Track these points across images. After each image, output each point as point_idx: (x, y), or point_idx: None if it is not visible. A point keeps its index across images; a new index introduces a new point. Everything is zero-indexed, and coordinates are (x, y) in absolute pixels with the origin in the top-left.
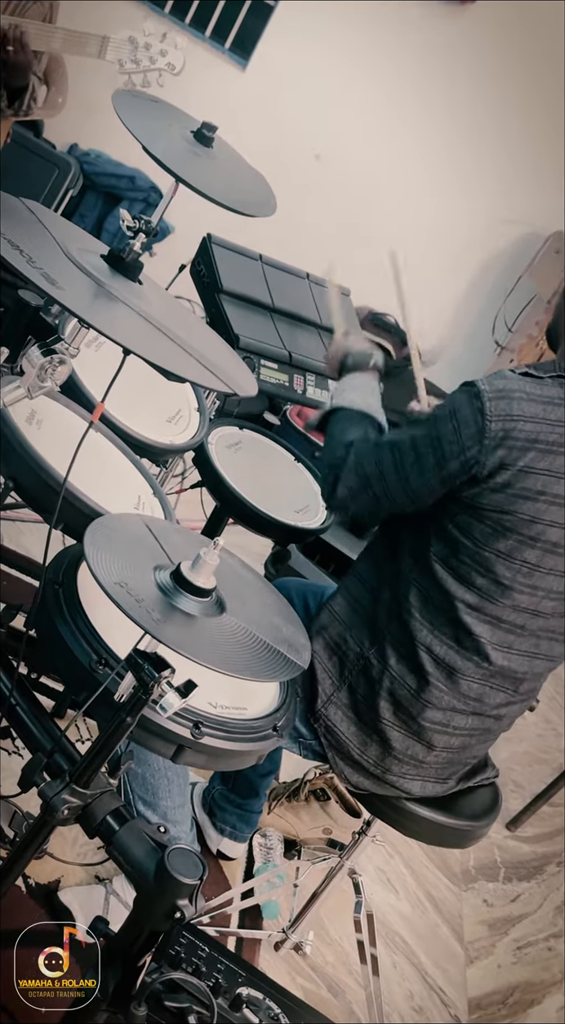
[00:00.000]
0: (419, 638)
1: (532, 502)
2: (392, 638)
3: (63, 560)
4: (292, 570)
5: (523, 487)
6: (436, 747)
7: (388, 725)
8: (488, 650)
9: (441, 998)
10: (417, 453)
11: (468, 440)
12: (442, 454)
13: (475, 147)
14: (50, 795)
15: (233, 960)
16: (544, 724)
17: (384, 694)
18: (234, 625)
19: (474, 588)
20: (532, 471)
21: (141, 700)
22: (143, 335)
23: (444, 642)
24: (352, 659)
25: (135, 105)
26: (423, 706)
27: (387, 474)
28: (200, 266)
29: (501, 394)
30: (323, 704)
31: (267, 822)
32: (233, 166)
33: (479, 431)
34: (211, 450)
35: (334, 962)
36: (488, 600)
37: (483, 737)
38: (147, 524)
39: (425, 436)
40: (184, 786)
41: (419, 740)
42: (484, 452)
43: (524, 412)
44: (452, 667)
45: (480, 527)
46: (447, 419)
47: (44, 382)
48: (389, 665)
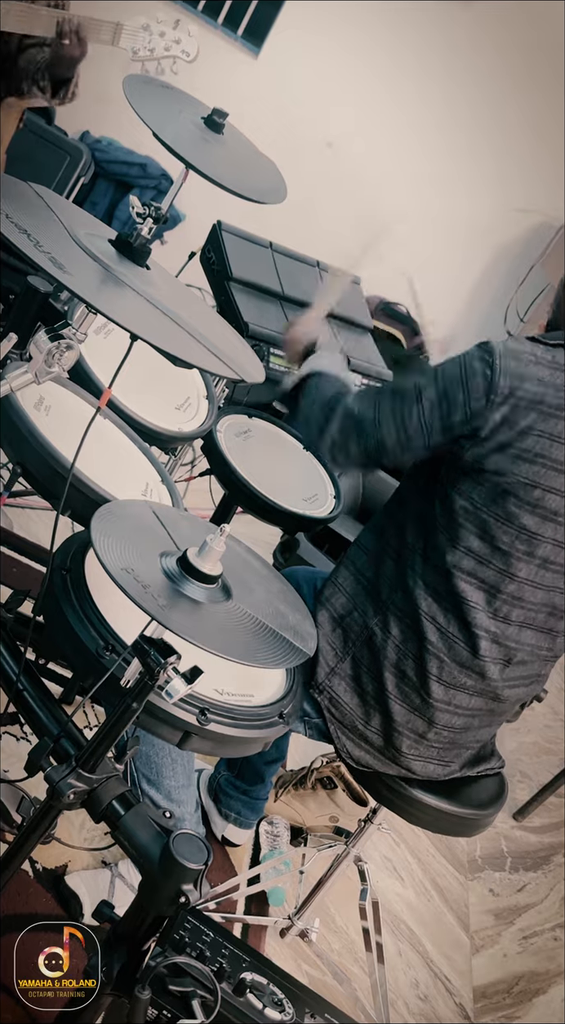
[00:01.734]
0: (424, 607)
1: (530, 464)
2: (395, 608)
3: (71, 546)
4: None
5: (523, 448)
6: (437, 724)
7: (390, 697)
8: (484, 619)
9: (446, 986)
10: (420, 399)
11: (475, 391)
12: (447, 403)
13: (489, 135)
14: (56, 779)
15: (237, 945)
16: (552, 715)
17: (388, 665)
18: (240, 612)
19: (471, 552)
20: (532, 432)
21: (147, 686)
22: (151, 321)
23: (447, 611)
24: (356, 630)
25: (146, 91)
26: (426, 677)
27: (384, 418)
28: (210, 253)
29: (512, 354)
30: (326, 675)
31: (274, 809)
32: (244, 153)
33: (488, 384)
34: (220, 438)
35: (339, 949)
36: (484, 564)
37: (485, 720)
38: (154, 511)
39: (430, 383)
40: (189, 768)
41: (421, 716)
42: (490, 406)
43: (532, 374)
44: (454, 637)
45: (479, 489)
46: (455, 369)
47: (52, 367)
48: (392, 635)
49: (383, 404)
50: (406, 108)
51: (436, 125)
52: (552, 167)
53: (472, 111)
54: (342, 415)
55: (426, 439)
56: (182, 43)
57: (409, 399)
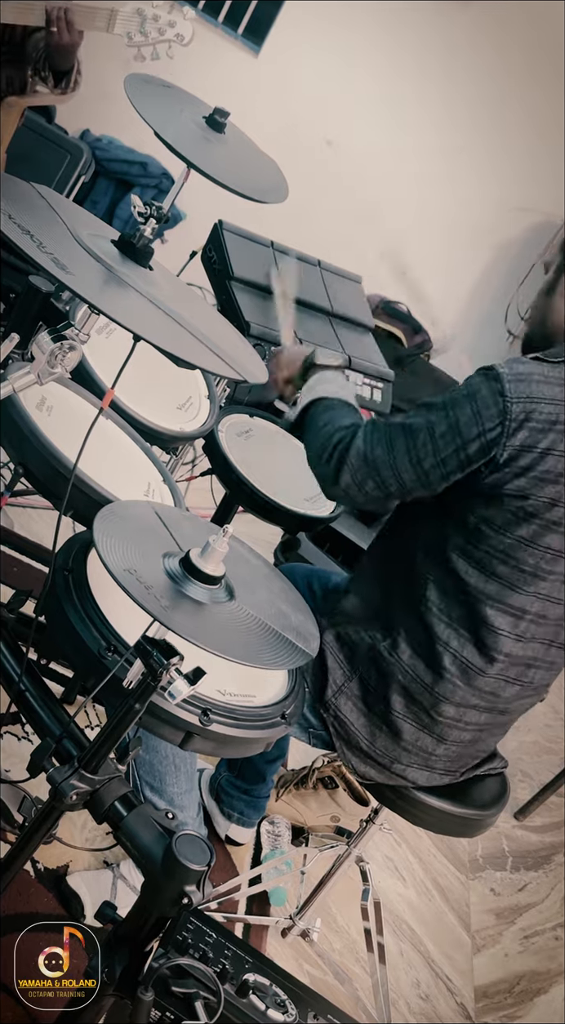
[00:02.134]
0: (438, 633)
1: (553, 485)
2: (406, 633)
3: (73, 546)
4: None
5: (545, 470)
6: (447, 740)
7: (399, 717)
8: (508, 642)
9: (447, 986)
10: (433, 435)
11: (489, 422)
12: (461, 437)
13: (489, 134)
14: (59, 780)
15: (240, 946)
16: (553, 714)
17: (396, 687)
18: (243, 612)
19: (496, 577)
20: (553, 453)
21: (150, 687)
22: (153, 321)
23: (463, 636)
24: (363, 651)
25: (147, 90)
26: (436, 700)
27: (398, 457)
28: (211, 252)
29: (520, 376)
30: (333, 694)
31: (275, 809)
32: (245, 152)
33: (501, 412)
34: (221, 438)
35: (341, 949)
36: (510, 589)
37: (493, 731)
38: (157, 511)
39: (442, 419)
40: (191, 772)
41: (430, 733)
42: (506, 434)
43: (544, 394)
44: (470, 663)
45: (502, 514)
46: (466, 401)
47: (54, 368)
48: (402, 660)
49: (396, 444)
50: (406, 107)
51: (436, 124)
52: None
53: (472, 110)
54: (355, 457)
55: (445, 475)
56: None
57: (422, 437)
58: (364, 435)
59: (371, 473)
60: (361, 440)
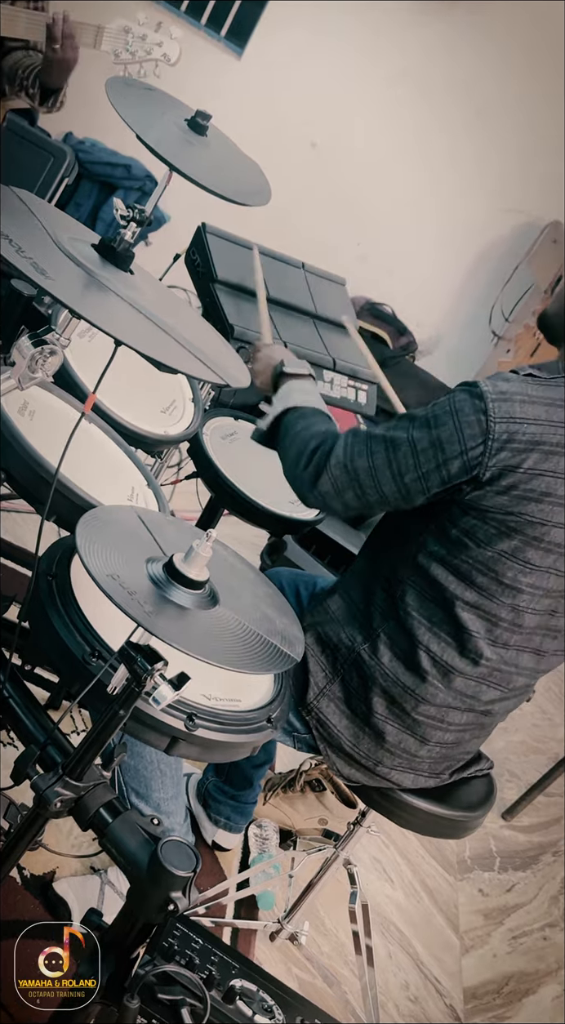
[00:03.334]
0: (418, 636)
1: (536, 503)
2: (386, 636)
3: (57, 552)
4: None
5: (528, 489)
6: (430, 741)
7: (381, 719)
8: (484, 648)
9: (436, 988)
10: (415, 450)
11: (471, 441)
12: (443, 454)
13: (473, 136)
14: (43, 787)
15: (227, 952)
16: (540, 714)
17: (377, 689)
18: (227, 617)
19: (474, 586)
20: (536, 472)
21: (134, 692)
22: (134, 326)
23: (443, 640)
24: (344, 653)
25: (129, 93)
26: (417, 702)
27: (379, 469)
28: (195, 255)
29: (504, 396)
30: (315, 697)
31: (263, 812)
32: (227, 155)
33: (483, 432)
34: (206, 441)
35: (329, 952)
36: (488, 598)
37: (476, 732)
38: (140, 516)
39: (424, 434)
40: (177, 778)
41: (413, 734)
42: (488, 454)
43: (527, 415)
44: (449, 665)
45: (484, 528)
46: (448, 419)
47: (35, 373)
48: (382, 662)
49: (377, 456)
50: (390, 108)
51: (420, 125)
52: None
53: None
54: (335, 466)
55: (425, 490)
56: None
57: (404, 450)
58: (344, 444)
59: (351, 483)
60: (341, 449)
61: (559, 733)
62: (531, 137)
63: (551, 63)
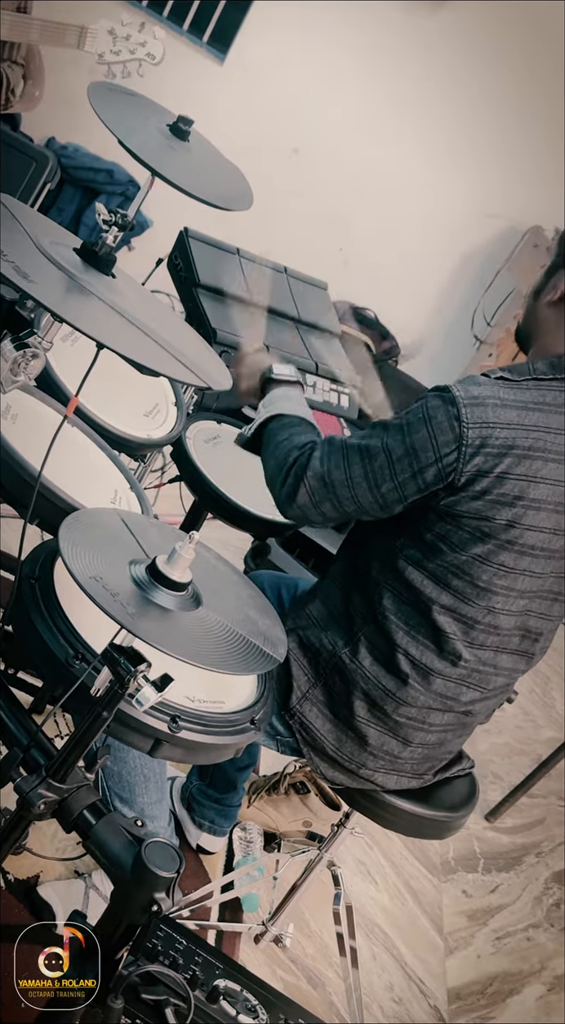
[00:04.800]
0: (396, 639)
1: (509, 508)
2: (366, 640)
3: (39, 555)
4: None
5: (501, 493)
6: (412, 743)
7: (363, 722)
8: (462, 649)
9: (420, 989)
10: (390, 459)
11: (444, 447)
12: (417, 462)
13: (453, 141)
14: (26, 790)
15: (211, 952)
16: (523, 716)
17: (358, 693)
18: (210, 619)
19: (449, 589)
20: (509, 477)
21: (117, 694)
22: (116, 329)
23: (421, 643)
24: (325, 658)
25: (111, 98)
26: (398, 704)
27: (355, 479)
28: (177, 260)
29: (476, 400)
30: (298, 700)
31: (247, 815)
32: (209, 160)
33: (456, 438)
34: (189, 444)
35: (314, 954)
36: (463, 601)
37: (458, 732)
38: (123, 518)
39: (399, 442)
40: (161, 782)
41: (395, 736)
42: (462, 460)
43: (499, 419)
44: (428, 668)
45: (458, 533)
46: (421, 425)
47: (17, 376)
48: (363, 666)
49: (353, 466)
50: (372, 112)
51: (401, 129)
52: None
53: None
54: (312, 478)
55: (402, 498)
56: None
57: (380, 460)
58: (321, 456)
59: (328, 495)
60: (318, 461)
61: (542, 735)
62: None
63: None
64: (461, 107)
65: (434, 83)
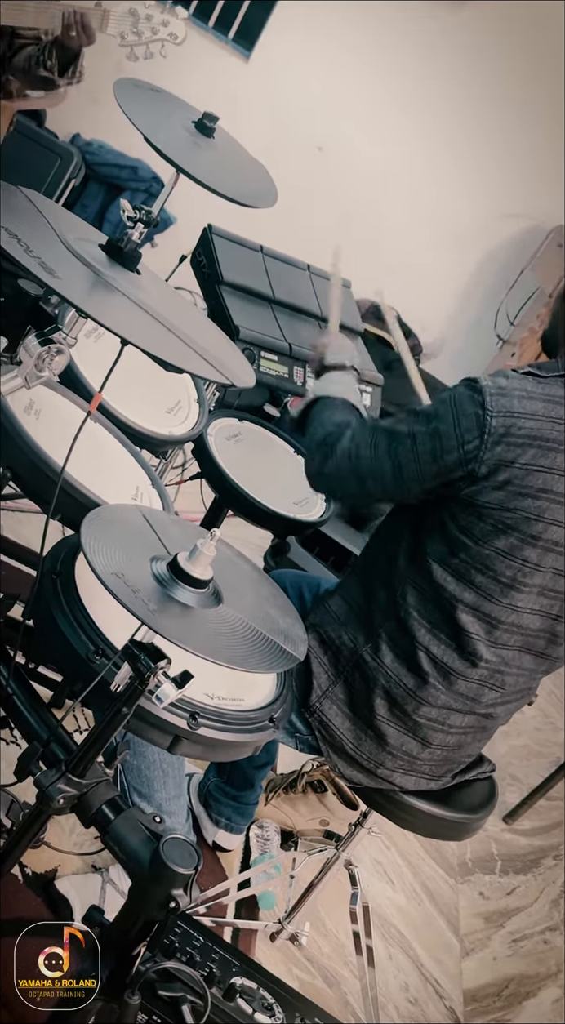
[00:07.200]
0: (418, 638)
1: (533, 499)
2: (388, 637)
3: (61, 550)
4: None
5: (525, 484)
6: (431, 744)
7: (383, 721)
8: (483, 650)
9: (436, 990)
10: (415, 441)
11: (467, 434)
12: (440, 445)
13: (477, 140)
14: (46, 784)
15: (227, 950)
16: (542, 718)
17: (379, 691)
18: (231, 616)
19: (473, 586)
20: (533, 468)
21: (137, 690)
22: (141, 325)
23: (442, 641)
24: (346, 655)
25: (137, 95)
26: (419, 703)
27: (380, 458)
28: (201, 257)
29: (502, 391)
30: (318, 698)
31: (264, 813)
32: (234, 157)
33: (480, 425)
34: (210, 441)
35: (330, 953)
36: (487, 599)
37: (478, 735)
38: (144, 515)
39: (424, 426)
40: (179, 778)
41: (414, 736)
42: (484, 448)
43: (525, 409)
44: (450, 667)
45: (481, 525)
46: (447, 412)
47: (42, 372)
48: (384, 663)
49: (380, 447)
50: (397, 112)
51: (426, 128)
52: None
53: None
54: (341, 454)
55: (422, 481)
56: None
57: (404, 443)
58: (352, 434)
59: (353, 471)
60: (349, 439)
61: (561, 737)
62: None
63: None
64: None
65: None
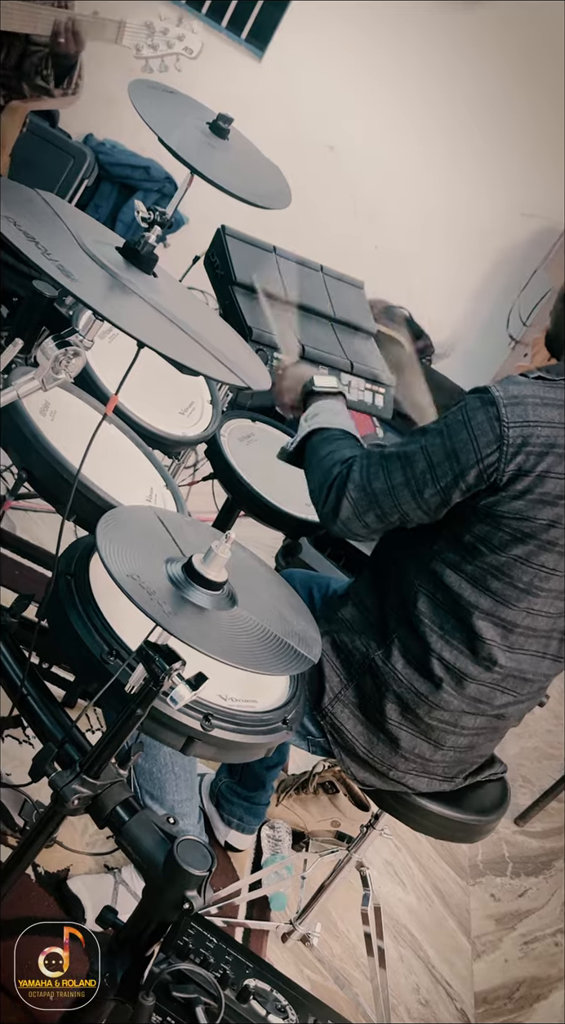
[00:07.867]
0: (430, 643)
1: (551, 507)
2: (400, 643)
3: (75, 551)
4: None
5: (543, 492)
6: (444, 746)
7: (395, 725)
8: (498, 654)
9: (447, 992)
10: (431, 464)
11: (486, 448)
12: (459, 464)
13: (491, 140)
14: (60, 785)
15: (241, 951)
16: (554, 720)
17: (391, 696)
18: (245, 618)
19: (489, 592)
20: (550, 476)
21: (152, 692)
22: (157, 328)
23: (455, 647)
24: (358, 659)
25: (151, 95)
26: (431, 708)
27: (397, 488)
28: (214, 257)
29: (516, 400)
30: (330, 702)
31: (275, 814)
32: (248, 158)
33: (498, 438)
34: (223, 442)
35: (341, 954)
36: (503, 604)
37: (490, 736)
38: (159, 516)
39: (439, 446)
40: (191, 780)
41: (427, 739)
42: (503, 460)
43: (540, 417)
44: (462, 672)
45: (499, 534)
46: (461, 428)
47: (58, 374)
48: (396, 669)
49: (394, 475)
50: (409, 111)
51: (439, 128)
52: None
53: (475, 114)
54: (354, 491)
55: (445, 501)
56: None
57: (420, 466)
58: (360, 468)
59: (371, 506)
60: (357, 473)
61: None
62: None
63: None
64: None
65: (471, 81)
